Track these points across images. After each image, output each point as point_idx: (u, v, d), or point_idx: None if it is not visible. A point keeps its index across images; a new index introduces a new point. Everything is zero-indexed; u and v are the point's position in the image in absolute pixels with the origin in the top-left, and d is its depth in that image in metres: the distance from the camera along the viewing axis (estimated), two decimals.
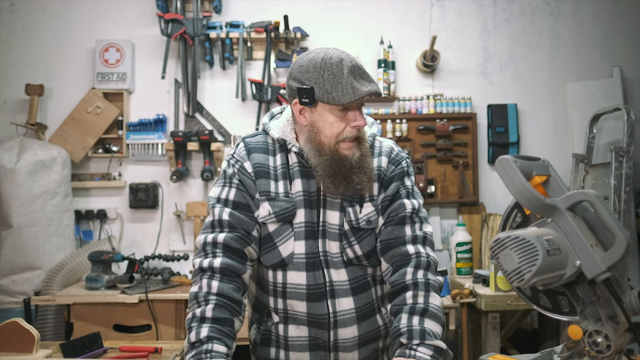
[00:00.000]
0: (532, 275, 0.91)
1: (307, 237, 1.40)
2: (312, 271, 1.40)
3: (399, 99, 3.55)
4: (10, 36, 3.54)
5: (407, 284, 1.36)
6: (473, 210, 3.50)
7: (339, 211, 1.41)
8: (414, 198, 1.46)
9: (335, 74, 1.32)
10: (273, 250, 1.41)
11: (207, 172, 3.39)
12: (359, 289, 1.43)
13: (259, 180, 1.41)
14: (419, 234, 1.42)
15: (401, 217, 1.42)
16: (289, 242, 1.40)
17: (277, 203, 1.40)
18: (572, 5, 3.64)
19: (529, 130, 3.60)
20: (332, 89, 1.31)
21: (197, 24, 3.45)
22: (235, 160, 1.44)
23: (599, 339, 0.99)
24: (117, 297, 2.77)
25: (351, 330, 1.41)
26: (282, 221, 1.40)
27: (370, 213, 1.42)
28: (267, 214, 1.40)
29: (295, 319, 1.42)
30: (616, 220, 0.99)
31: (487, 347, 2.67)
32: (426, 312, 1.31)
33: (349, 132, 1.36)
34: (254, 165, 1.42)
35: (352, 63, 1.33)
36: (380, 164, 1.46)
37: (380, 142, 1.52)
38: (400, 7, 3.62)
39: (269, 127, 1.47)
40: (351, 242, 1.41)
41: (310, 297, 1.40)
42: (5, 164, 3.06)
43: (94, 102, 3.45)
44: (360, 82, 1.33)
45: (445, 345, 1.28)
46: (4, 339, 1.39)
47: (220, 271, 1.34)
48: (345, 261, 1.42)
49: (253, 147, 1.45)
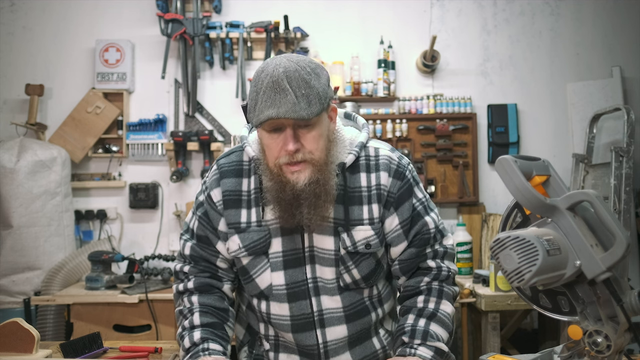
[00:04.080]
0: (532, 275, 0.91)
1: (287, 267, 1.29)
2: (295, 301, 1.29)
3: (399, 99, 3.55)
4: (10, 36, 3.54)
5: (421, 289, 1.34)
6: (473, 210, 3.49)
7: (332, 235, 1.28)
8: (432, 210, 1.37)
9: (256, 92, 1.17)
10: (251, 282, 1.33)
11: (207, 172, 3.39)
12: (355, 315, 1.33)
13: (228, 210, 1.30)
14: (440, 249, 1.37)
15: (426, 239, 1.34)
16: (265, 275, 1.30)
17: (248, 235, 1.29)
18: (572, 5, 3.64)
19: (529, 130, 3.60)
20: (252, 108, 1.18)
21: (197, 24, 3.45)
22: (206, 187, 1.35)
23: (599, 339, 0.99)
24: (117, 297, 2.77)
25: (345, 358, 1.34)
26: (254, 254, 1.30)
27: (369, 237, 1.29)
28: (237, 248, 1.30)
29: (286, 347, 1.36)
30: (616, 220, 0.99)
31: (487, 347, 2.67)
32: (434, 316, 1.30)
33: (283, 157, 1.19)
34: (224, 193, 1.30)
35: (274, 79, 1.14)
36: (379, 180, 1.30)
37: (375, 150, 1.33)
38: (400, 7, 3.62)
39: (246, 143, 1.33)
40: (349, 267, 1.30)
41: (296, 328, 1.31)
42: (5, 164, 3.05)
43: (94, 102, 3.45)
44: (270, 103, 1.14)
45: (447, 348, 1.27)
46: (4, 339, 1.38)
47: (196, 289, 1.35)
48: (342, 287, 1.31)
49: (225, 171, 1.32)
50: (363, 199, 1.29)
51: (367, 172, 1.30)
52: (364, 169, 1.31)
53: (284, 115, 1.13)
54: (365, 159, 1.31)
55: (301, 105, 1.14)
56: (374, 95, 3.53)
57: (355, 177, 1.30)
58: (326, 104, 1.20)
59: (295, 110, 1.13)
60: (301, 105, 1.14)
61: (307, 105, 1.15)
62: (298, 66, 1.16)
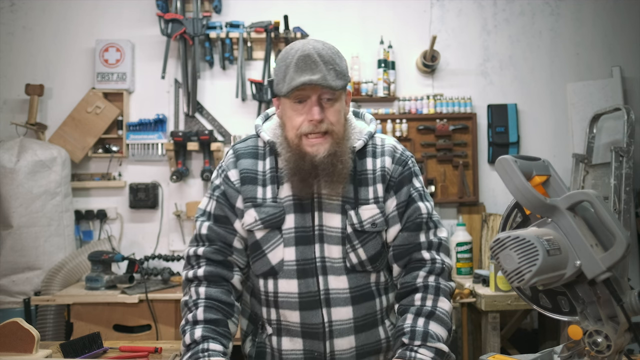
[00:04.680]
0: (532, 275, 0.91)
1: (298, 243, 1.34)
2: (303, 278, 1.34)
3: (399, 99, 3.55)
4: (10, 36, 3.54)
5: (418, 286, 1.34)
6: (473, 210, 3.49)
7: (340, 214, 1.35)
8: (427, 200, 1.41)
9: (286, 65, 1.28)
10: (262, 258, 1.36)
11: (207, 172, 3.39)
12: (360, 298, 1.36)
13: (245, 186, 1.37)
14: (434, 240, 1.38)
15: (418, 224, 1.37)
16: (278, 249, 1.35)
17: (264, 209, 1.35)
18: (572, 5, 3.64)
19: (529, 130, 3.60)
20: (280, 80, 1.29)
21: (197, 24, 3.45)
22: (222, 170, 1.42)
23: (599, 339, 0.99)
24: (117, 297, 2.77)
25: (348, 341, 1.35)
26: (269, 227, 1.35)
27: (375, 215, 1.36)
28: (253, 221, 1.35)
29: (289, 331, 1.37)
30: (616, 220, 0.99)
31: (487, 347, 2.67)
32: (432, 315, 1.30)
33: (305, 127, 1.28)
34: (241, 171, 1.38)
35: (305, 53, 1.26)
36: (383, 164, 1.39)
37: (381, 140, 1.43)
38: (400, 7, 3.62)
39: (260, 129, 1.43)
40: (355, 245, 1.34)
41: (303, 306, 1.34)
42: (5, 164, 3.06)
43: (94, 102, 3.45)
44: (301, 72, 1.25)
45: (447, 348, 1.27)
46: (4, 339, 1.39)
47: (205, 278, 1.35)
48: (348, 267, 1.35)
49: (242, 153, 1.41)
50: (369, 181, 1.38)
51: (374, 157, 1.40)
52: (371, 154, 1.40)
53: (317, 81, 1.24)
54: (372, 147, 1.42)
55: (331, 75, 1.26)
56: (374, 95, 3.53)
57: (363, 162, 1.39)
58: (346, 83, 1.32)
59: (326, 79, 1.25)
60: (331, 75, 1.26)
61: (335, 77, 1.27)
62: (325, 46, 1.30)
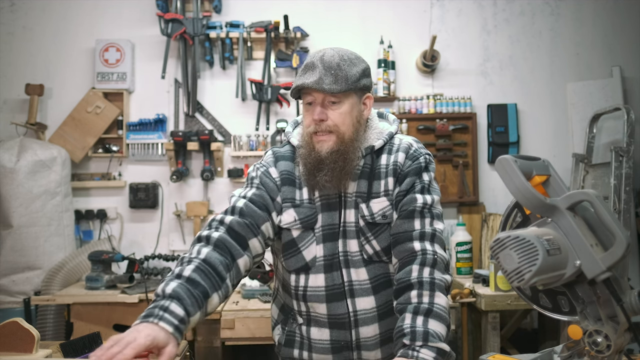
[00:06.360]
0: (532, 275, 0.91)
1: (325, 240, 1.45)
2: (329, 272, 1.45)
3: (398, 99, 3.55)
4: (10, 36, 3.54)
5: (412, 283, 1.34)
6: (473, 210, 3.49)
7: (354, 208, 1.45)
8: (429, 193, 1.44)
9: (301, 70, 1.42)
10: (297, 255, 1.46)
11: (207, 172, 3.39)
12: (380, 287, 1.45)
13: (285, 187, 1.47)
14: (428, 230, 1.40)
15: (410, 211, 1.41)
16: (311, 247, 1.45)
17: (302, 210, 1.45)
18: (572, 5, 3.64)
19: (529, 130, 3.60)
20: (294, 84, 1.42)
21: (197, 24, 3.45)
22: (262, 165, 1.50)
23: (599, 338, 0.99)
24: (117, 297, 2.77)
25: (372, 329, 1.45)
26: (305, 227, 1.45)
27: (385, 208, 1.44)
28: (293, 220, 1.45)
29: (317, 321, 1.48)
30: (616, 220, 0.99)
31: (487, 347, 2.67)
32: (430, 312, 1.30)
33: (312, 126, 1.42)
34: (281, 172, 1.48)
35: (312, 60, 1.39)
36: (397, 159, 1.47)
37: (400, 139, 1.51)
38: (400, 7, 3.62)
39: (290, 135, 1.54)
40: (368, 237, 1.44)
41: (330, 298, 1.44)
42: (5, 163, 3.06)
43: (94, 102, 3.45)
44: (300, 77, 1.39)
45: (448, 347, 1.27)
46: (4, 339, 1.38)
47: (215, 243, 1.31)
48: (365, 259, 1.44)
49: (281, 156, 1.51)
50: (382, 175, 1.47)
51: (389, 154, 1.49)
52: (387, 151, 1.49)
53: (310, 85, 1.36)
54: (390, 145, 1.50)
55: (325, 80, 1.36)
56: (374, 95, 3.53)
57: (379, 159, 1.49)
58: (355, 87, 1.41)
59: (320, 83, 1.36)
60: (325, 80, 1.36)
61: (332, 81, 1.37)
62: (337, 54, 1.41)
